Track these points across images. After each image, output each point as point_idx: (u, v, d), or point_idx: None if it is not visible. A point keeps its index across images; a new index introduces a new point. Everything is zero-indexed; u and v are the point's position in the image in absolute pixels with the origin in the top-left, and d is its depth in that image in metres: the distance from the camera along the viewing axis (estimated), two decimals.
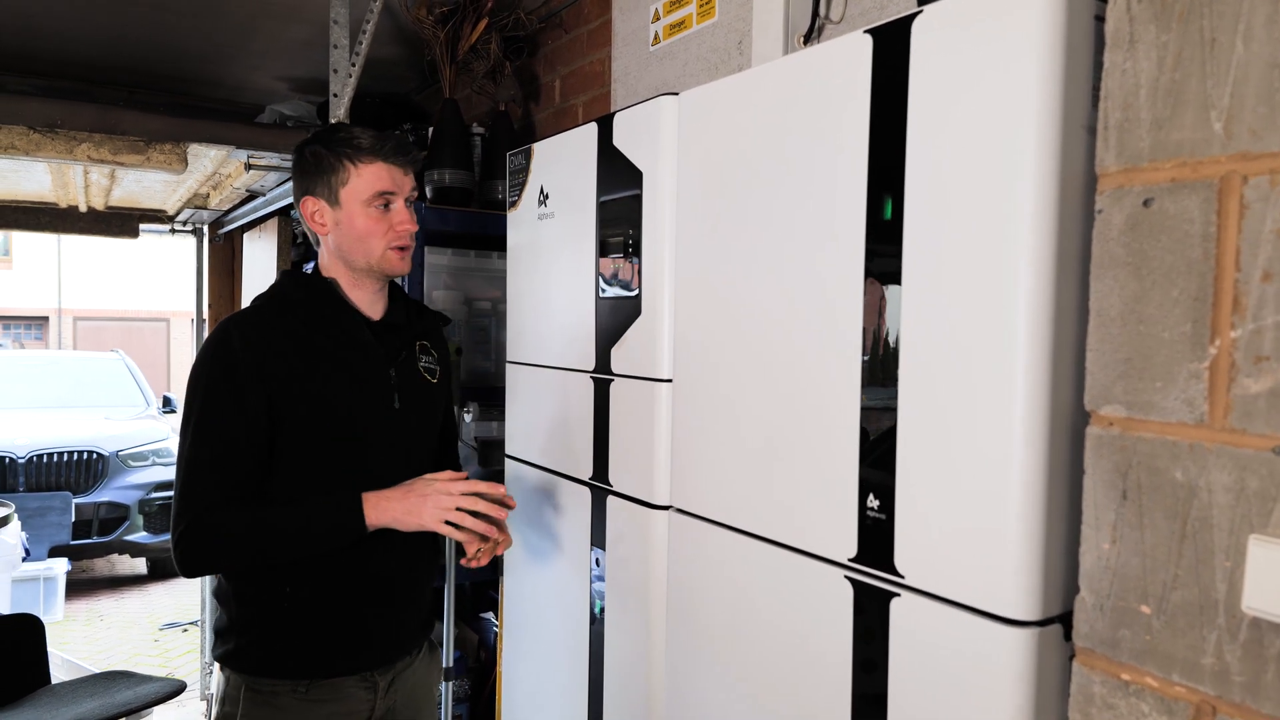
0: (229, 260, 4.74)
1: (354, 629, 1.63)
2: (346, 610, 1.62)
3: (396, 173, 1.62)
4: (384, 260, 1.63)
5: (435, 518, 1.53)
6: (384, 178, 1.61)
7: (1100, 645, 0.87)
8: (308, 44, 3.25)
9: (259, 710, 1.59)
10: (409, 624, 1.72)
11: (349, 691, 1.63)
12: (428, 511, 1.53)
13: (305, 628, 1.60)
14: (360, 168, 1.60)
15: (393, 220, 1.62)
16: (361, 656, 1.64)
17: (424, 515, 1.53)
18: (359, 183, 1.60)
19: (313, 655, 1.60)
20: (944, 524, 1.03)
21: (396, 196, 1.63)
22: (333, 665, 1.61)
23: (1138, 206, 0.83)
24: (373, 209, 1.61)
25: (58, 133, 2.50)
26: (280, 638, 1.60)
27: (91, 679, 2.52)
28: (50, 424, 6.76)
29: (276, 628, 1.60)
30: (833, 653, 1.18)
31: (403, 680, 1.71)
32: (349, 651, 1.63)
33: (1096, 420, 0.87)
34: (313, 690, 1.60)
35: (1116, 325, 0.84)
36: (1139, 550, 0.83)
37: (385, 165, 1.61)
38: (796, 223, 1.24)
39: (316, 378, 1.58)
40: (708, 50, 2.10)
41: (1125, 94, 0.85)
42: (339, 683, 1.62)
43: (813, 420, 1.22)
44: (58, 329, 18.46)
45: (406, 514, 1.54)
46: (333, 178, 1.61)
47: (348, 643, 1.62)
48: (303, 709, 1.59)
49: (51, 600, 5.58)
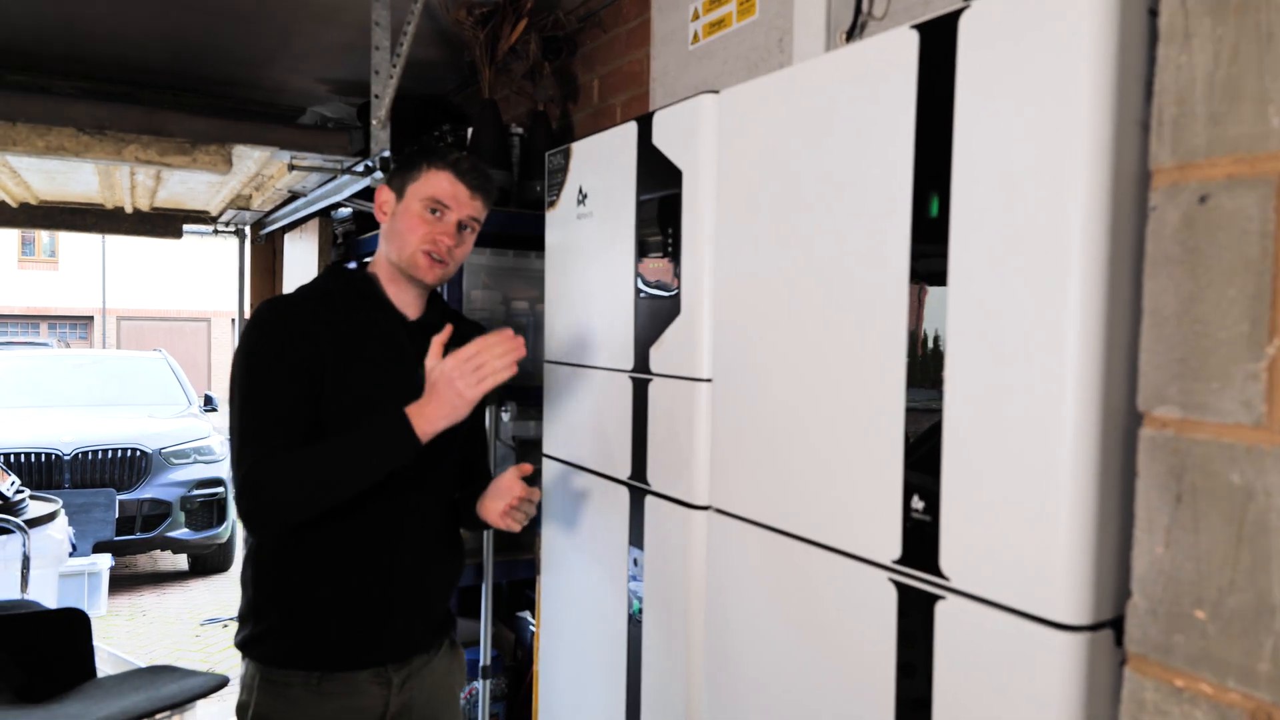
0: (270, 261, 4.80)
1: (366, 623, 1.64)
2: (358, 604, 1.63)
3: (461, 190, 1.67)
4: (412, 260, 1.66)
5: (472, 387, 1.50)
6: (445, 188, 1.66)
7: (1153, 651, 0.85)
8: (347, 46, 3.28)
9: (272, 701, 1.61)
10: (424, 623, 1.72)
11: (362, 686, 1.64)
12: (464, 391, 1.50)
13: (317, 619, 1.62)
14: (429, 171, 1.66)
15: (436, 229, 1.66)
16: (374, 652, 1.65)
17: (464, 394, 1.51)
18: (423, 183, 1.66)
19: (324, 647, 1.62)
20: (991, 526, 1.02)
21: (450, 211, 1.67)
22: (344, 658, 1.63)
23: (1193, 203, 0.81)
24: (425, 211, 1.66)
25: (106, 134, 2.54)
26: (293, 627, 1.62)
27: (136, 673, 2.56)
28: (94, 422, 6.87)
29: (289, 617, 1.62)
30: (876, 657, 1.17)
31: (420, 678, 1.72)
32: (361, 646, 1.64)
33: (1150, 422, 0.85)
34: (325, 683, 1.61)
35: (1171, 325, 0.83)
36: (1194, 554, 0.82)
37: (452, 178, 1.66)
38: (839, 221, 1.23)
39: (350, 369, 1.60)
40: (748, 49, 2.10)
41: (1180, 89, 0.83)
42: (352, 677, 1.63)
43: (855, 421, 1.21)
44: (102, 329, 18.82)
45: (451, 407, 1.52)
46: (409, 174, 1.69)
47: (359, 637, 1.64)
48: (315, 701, 1.61)
49: (95, 595, 5.68)
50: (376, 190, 1.74)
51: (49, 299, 18.36)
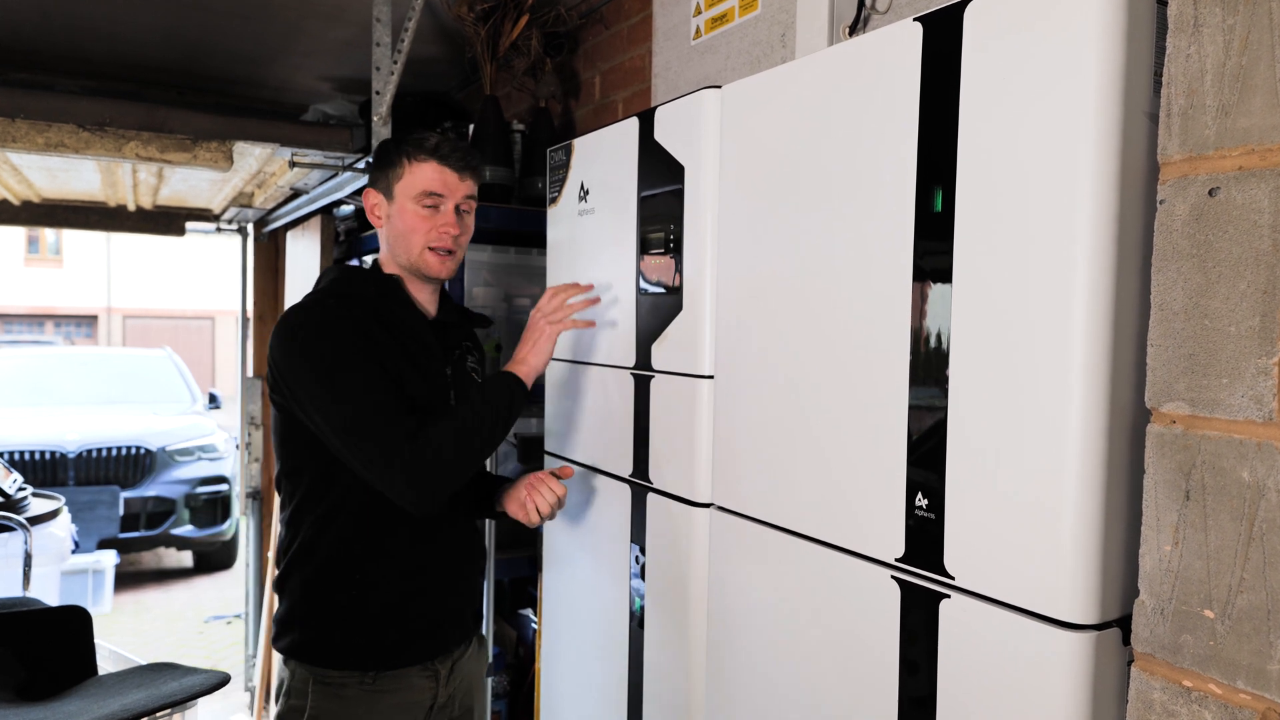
0: (273, 258, 4.78)
1: (419, 620, 1.66)
2: (411, 601, 1.65)
3: (450, 176, 1.66)
4: (421, 260, 1.67)
5: (553, 324, 1.70)
6: (434, 178, 1.65)
7: (1161, 650, 0.84)
8: (350, 44, 3.27)
9: (328, 703, 1.61)
10: (467, 610, 1.77)
11: (413, 681, 1.67)
12: (546, 334, 1.69)
13: (373, 620, 1.63)
14: (414, 165, 1.65)
15: (437, 222, 1.66)
16: (426, 645, 1.68)
17: (545, 330, 1.69)
18: (410, 179, 1.65)
19: (382, 647, 1.63)
20: (996, 524, 1.00)
21: (446, 200, 1.66)
22: (399, 655, 1.64)
23: (1203, 196, 0.80)
24: (420, 207, 1.65)
25: (106, 131, 2.53)
26: (348, 628, 1.63)
27: (138, 670, 2.55)
28: (99, 420, 6.89)
29: (343, 618, 1.63)
30: (879, 655, 1.16)
31: (460, 669, 1.76)
32: (415, 639, 1.66)
33: (1158, 418, 0.84)
34: (379, 681, 1.63)
35: (1180, 320, 0.82)
36: (1202, 553, 0.80)
37: (438, 166, 1.65)
38: (843, 217, 1.22)
39: (399, 368, 1.61)
40: (750, 44, 2.08)
41: (1189, 79, 0.82)
42: (404, 673, 1.65)
43: (859, 417, 1.19)
44: (107, 327, 18.84)
45: (534, 344, 1.68)
46: (391, 172, 1.66)
47: (413, 631, 1.66)
48: (370, 700, 1.62)
49: (99, 592, 5.68)
50: (364, 195, 1.72)
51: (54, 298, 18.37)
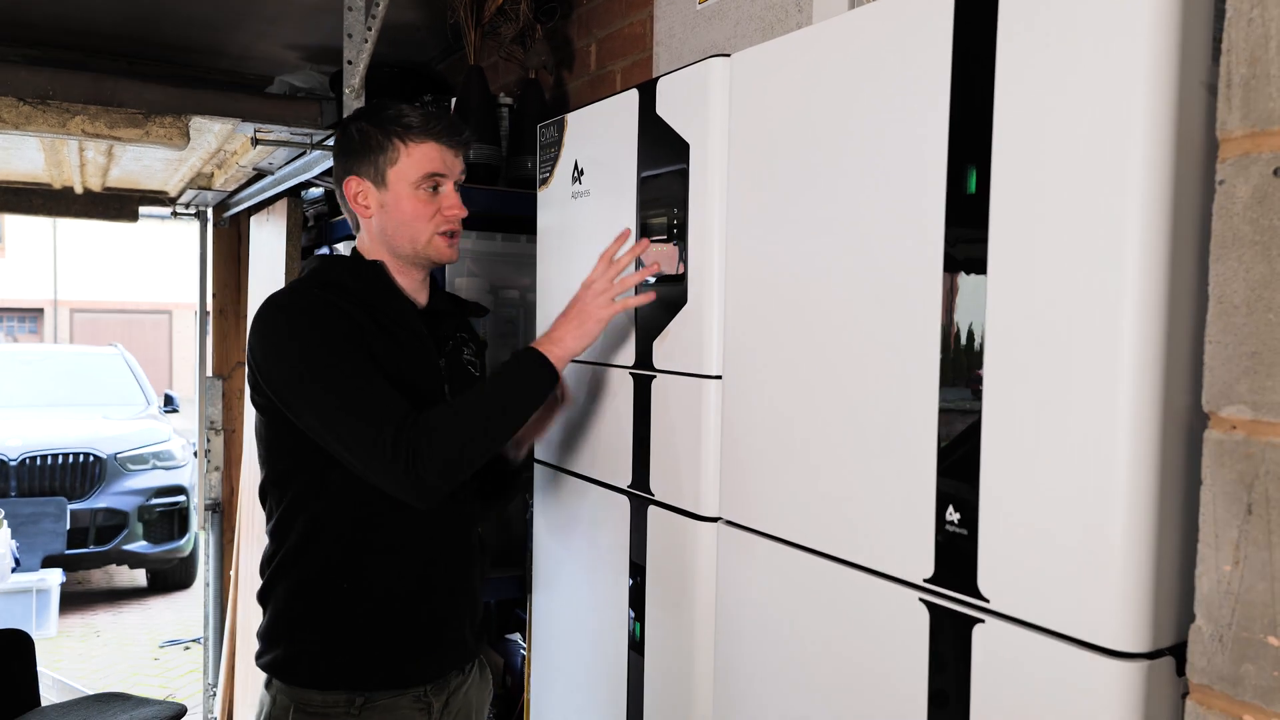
0: (235, 246, 4.78)
1: (412, 630, 1.67)
2: (404, 609, 1.66)
3: (447, 154, 1.68)
4: (431, 247, 1.70)
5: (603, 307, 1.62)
6: (435, 159, 1.66)
7: (1219, 681, 0.83)
8: (319, 8, 3.26)
9: None
10: (464, 630, 1.77)
11: (403, 713, 1.67)
12: (593, 314, 1.62)
13: (360, 629, 1.63)
14: (411, 147, 1.65)
15: (441, 204, 1.69)
16: (418, 667, 1.68)
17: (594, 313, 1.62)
18: (408, 163, 1.65)
19: (368, 662, 1.63)
20: (1036, 541, 1.00)
21: (446, 179, 1.69)
22: (389, 675, 1.65)
23: (1267, 176, 0.79)
24: (421, 192, 1.67)
25: (49, 105, 2.52)
26: (334, 641, 1.63)
27: (84, 701, 2.55)
28: (44, 424, 6.89)
29: (329, 629, 1.63)
30: (905, 684, 1.16)
31: (456, 700, 1.76)
32: (406, 659, 1.66)
33: (1217, 423, 0.83)
34: (365, 712, 1.63)
35: (1241, 314, 0.81)
36: (1266, 573, 0.80)
37: (437, 145, 1.67)
38: (865, 199, 1.21)
39: (389, 359, 1.62)
40: (762, 8, 2.08)
41: (1252, 46, 0.81)
42: (393, 703, 1.66)
43: (882, 422, 1.19)
44: (53, 321, 18.86)
45: (581, 333, 1.62)
46: (380, 157, 1.66)
47: (405, 648, 1.66)
48: None
49: (44, 614, 5.69)
50: (344, 185, 1.71)
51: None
